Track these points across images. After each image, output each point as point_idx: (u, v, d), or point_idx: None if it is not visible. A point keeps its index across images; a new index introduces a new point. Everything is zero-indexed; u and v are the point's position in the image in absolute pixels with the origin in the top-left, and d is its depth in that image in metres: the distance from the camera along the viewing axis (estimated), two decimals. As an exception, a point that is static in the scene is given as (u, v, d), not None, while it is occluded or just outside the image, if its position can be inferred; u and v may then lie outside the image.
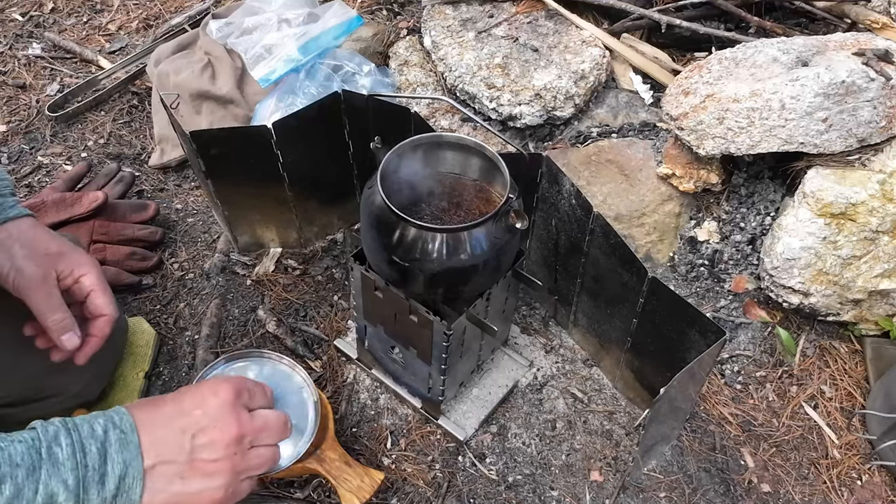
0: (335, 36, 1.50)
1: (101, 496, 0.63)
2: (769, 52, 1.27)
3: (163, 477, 0.67)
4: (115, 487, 0.64)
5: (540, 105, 1.39)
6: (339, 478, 1.02)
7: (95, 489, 0.63)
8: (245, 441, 0.72)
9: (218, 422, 0.71)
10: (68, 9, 1.95)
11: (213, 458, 0.69)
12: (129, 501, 0.65)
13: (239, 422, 0.72)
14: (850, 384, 1.24)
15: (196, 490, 0.69)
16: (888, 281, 1.20)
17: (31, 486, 0.60)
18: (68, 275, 0.90)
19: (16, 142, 1.59)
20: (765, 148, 1.20)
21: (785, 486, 1.13)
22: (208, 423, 0.70)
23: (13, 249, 0.88)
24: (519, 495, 1.10)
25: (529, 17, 1.54)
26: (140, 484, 0.65)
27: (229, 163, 1.17)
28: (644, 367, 1.11)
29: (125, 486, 0.64)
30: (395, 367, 1.14)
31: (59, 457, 0.62)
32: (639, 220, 1.33)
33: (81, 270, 0.90)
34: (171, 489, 0.67)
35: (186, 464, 0.68)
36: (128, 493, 0.65)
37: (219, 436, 0.70)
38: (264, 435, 0.75)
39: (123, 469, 0.64)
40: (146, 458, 0.66)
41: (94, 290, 0.91)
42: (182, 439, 0.68)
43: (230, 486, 0.71)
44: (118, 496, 0.64)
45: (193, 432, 0.69)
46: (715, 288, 1.32)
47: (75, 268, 0.90)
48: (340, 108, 1.18)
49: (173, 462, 0.68)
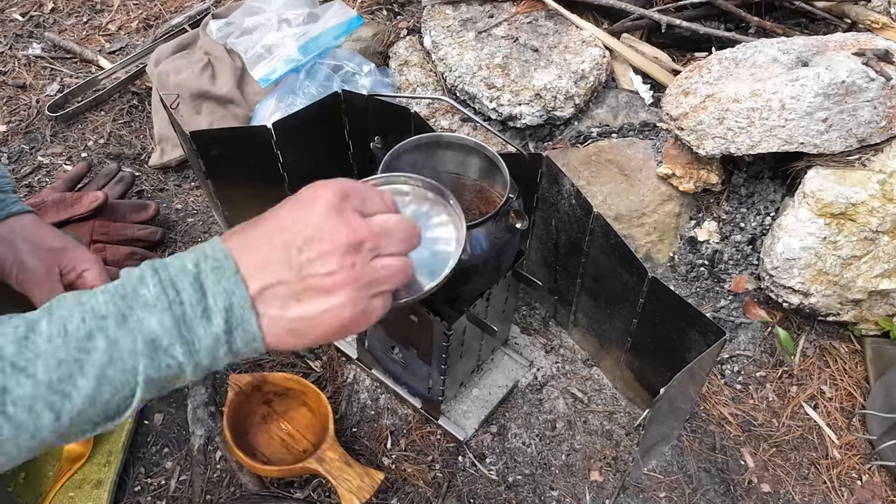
0: (335, 36, 1.50)
1: (212, 333, 0.55)
2: (769, 52, 1.27)
3: (276, 301, 0.57)
4: (225, 321, 0.55)
5: (540, 105, 1.39)
6: (339, 478, 1.03)
7: (201, 326, 0.55)
8: (363, 249, 0.59)
9: (324, 230, 0.58)
10: (68, 9, 1.95)
11: (327, 272, 0.58)
12: (247, 334, 0.57)
13: (350, 227, 0.59)
14: (850, 384, 1.24)
15: (318, 311, 0.58)
16: (888, 281, 1.20)
17: (126, 335, 0.53)
18: (71, 270, 0.90)
19: (16, 142, 1.59)
20: (765, 148, 1.20)
21: (785, 486, 1.13)
22: (313, 232, 0.58)
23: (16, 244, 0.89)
24: (519, 495, 1.10)
25: (529, 17, 1.54)
26: (252, 313, 0.56)
27: (229, 163, 1.17)
28: (644, 367, 1.11)
29: (235, 318, 0.56)
30: (395, 367, 1.14)
31: (147, 299, 0.54)
32: (639, 220, 1.33)
33: (84, 266, 0.91)
34: (288, 314, 0.58)
35: (298, 282, 0.58)
36: (242, 325, 0.56)
37: (328, 246, 0.58)
38: (386, 242, 0.61)
39: (227, 300, 0.55)
40: (250, 284, 0.56)
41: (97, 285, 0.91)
42: (287, 255, 0.58)
43: (357, 304, 0.59)
44: (232, 331, 0.56)
45: (298, 246, 0.58)
46: (715, 288, 1.32)
47: (78, 263, 0.91)
48: (340, 108, 1.18)
49: (283, 283, 0.57)
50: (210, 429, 1.13)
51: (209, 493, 1.08)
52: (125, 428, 1.11)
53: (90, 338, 0.52)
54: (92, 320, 0.53)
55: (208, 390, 1.17)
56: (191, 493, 1.08)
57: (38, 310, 0.54)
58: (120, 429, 1.10)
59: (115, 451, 1.08)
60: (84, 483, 1.05)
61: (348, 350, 1.22)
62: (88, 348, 0.52)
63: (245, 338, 0.57)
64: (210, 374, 1.18)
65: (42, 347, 0.51)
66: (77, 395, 0.52)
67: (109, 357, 0.53)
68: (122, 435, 1.10)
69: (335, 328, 0.60)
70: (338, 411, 1.17)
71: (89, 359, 0.52)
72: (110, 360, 0.53)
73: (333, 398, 1.18)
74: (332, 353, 1.24)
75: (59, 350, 0.51)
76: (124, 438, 1.10)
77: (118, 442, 1.09)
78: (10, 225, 0.91)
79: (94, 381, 0.52)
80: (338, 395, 1.19)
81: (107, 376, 0.53)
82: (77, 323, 0.53)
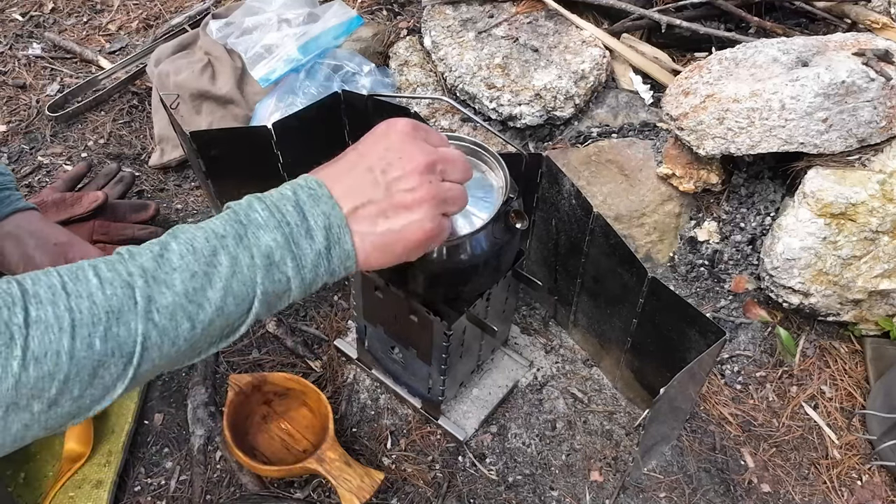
0: (335, 36, 1.50)
1: (315, 249, 0.62)
2: (769, 52, 1.27)
3: (366, 219, 0.65)
4: (325, 239, 0.62)
5: (540, 105, 1.39)
6: (339, 478, 1.03)
7: (306, 243, 0.62)
8: (436, 170, 0.68)
9: (404, 153, 0.67)
10: (68, 9, 1.95)
11: (409, 188, 0.66)
12: (343, 252, 0.64)
13: (424, 150, 0.68)
14: (850, 384, 1.25)
15: (403, 225, 0.66)
16: (888, 281, 1.20)
17: (245, 251, 0.59)
18: None
19: (16, 142, 1.59)
20: (765, 148, 1.20)
21: (785, 486, 1.13)
22: (394, 156, 0.67)
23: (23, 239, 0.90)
24: (519, 495, 1.10)
25: (529, 18, 1.54)
26: (347, 231, 0.64)
27: (229, 163, 1.17)
28: (644, 367, 1.11)
29: (334, 236, 0.63)
30: (395, 367, 1.14)
31: (259, 220, 0.61)
32: (639, 220, 1.33)
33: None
34: (378, 229, 0.65)
35: (385, 200, 0.65)
36: (339, 243, 0.63)
37: (409, 165, 0.66)
38: (451, 167, 0.70)
39: (326, 220, 0.63)
40: (343, 205, 0.64)
41: None
42: (373, 177, 0.66)
43: (433, 219, 0.67)
44: (331, 248, 0.63)
45: (382, 168, 0.66)
46: (715, 288, 1.32)
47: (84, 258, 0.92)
48: (340, 109, 1.18)
49: (372, 202, 0.65)
50: (210, 429, 1.13)
51: (209, 493, 1.08)
52: (125, 428, 1.11)
53: (215, 254, 0.58)
54: (214, 239, 0.59)
55: (208, 390, 1.17)
56: (191, 493, 1.08)
57: (163, 235, 0.60)
58: (120, 429, 1.11)
59: (115, 451, 1.08)
60: (84, 483, 1.05)
61: (348, 350, 1.22)
62: (214, 263, 0.58)
63: (341, 255, 0.64)
64: (210, 374, 1.19)
65: (176, 262, 0.57)
66: (208, 305, 0.57)
67: (232, 271, 0.59)
68: (122, 435, 1.10)
69: (417, 241, 0.67)
70: (338, 411, 1.17)
71: (216, 272, 0.58)
72: (233, 273, 0.59)
73: (333, 398, 1.18)
74: (332, 353, 1.24)
75: (191, 264, 0.57)
76: (124, 438, 1.10)
77: (118, 442, 1.09)
78: (16, 221, 0.92)
79: (222, 293, 0.58)
80: (338, 395, 1.19)
81: (231, 288, 0.58)
82: (202, 242, 0.59)
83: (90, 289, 0.53)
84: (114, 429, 1.10)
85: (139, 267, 0.56)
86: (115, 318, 0.53)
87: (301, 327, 1.28)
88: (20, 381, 0.49)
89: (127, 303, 0.54)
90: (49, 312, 0.51)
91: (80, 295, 0.53)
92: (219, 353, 1.23)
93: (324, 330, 1.27)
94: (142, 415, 1.16)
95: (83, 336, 0.52)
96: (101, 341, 0.52)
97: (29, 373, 0.50)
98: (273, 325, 1.27)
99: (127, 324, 0.53)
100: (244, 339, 1.26)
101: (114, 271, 0.55)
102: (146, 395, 1.18)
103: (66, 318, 0.51)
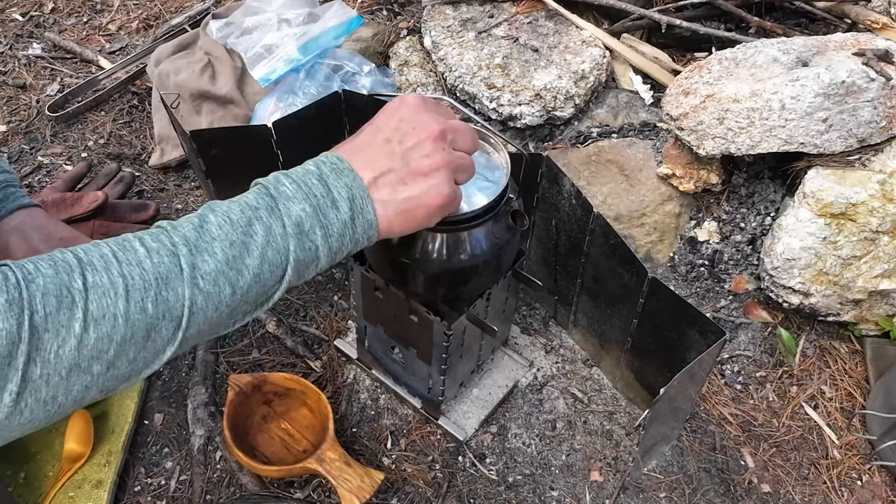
0: (335, 36, 1.50)
1: (341, 219, 0.65)
2: (769, 52, 1.27)
3: (387, 187, 0.68)
4: (350, 209, 0.66)
5: (540, 105, 1.39)
6: (339, 478, 1.03)
7: (333, 213, 0.65)
8: (448, 137, 0.71)
9: (417, 123, 0.70)
10: (68, 9, 1.95)
11: (425, 155, 0.69)
12: (366, 222, 0.67)
13: (436, 120, 0.71)
14: (850, 384, 1.24)
15: (423, 190, 0.69)
16: (888, 281, 1.20)
17: (277, 221, 0.63)
18: None
19: (16, 142, 1.59)
20: (765, 148, 1.20)
21: (785, 486, 1.13)
22: (408, 127, 0.70)
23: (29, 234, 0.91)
24: (519, 495, 1.10)
25: (529, 18, 1.54)
26: (369, 201, 0.67)
27: (229, 162, 1.17)
28: (644, 367, 1.11)
29: (357, 206, 0.66)
30: (395, 367, 1.14)
31: (287, 193, 0.65)
32: (639, 220, 1.33)
33: None
34: (399, 196, 0.68)
35: (403, 168, 0.69)
36: (362, 213, 0.67)
37: (424, 134, 0.70)
38: (459, 137, 0.73)
39: (349, 192, 0.66)
40: (364, 176, 0.67)
41: None
42: (390, 148, 0.69)
43: (449, 184, 0.71)
44: (355, 218, 0.66)
45: (398, 139, 0.70)
46: (715, 288, 1.32)
47: None
48: (341, 108, 1.18)
49: (391, 171, 0.68)
50: (210, 429, 1.13)
51: (209, 493, 1.08)
52: (125, 428, 1.11)
53: (250, 223, 0.62)
54: (249, 210, 0.63)
55: (208, 390, 1.17)
56: (191, 493, 1.08)
57: (199, 209, 0.63)
58: (120, 429, 1.10)
59: (115, 451, 1.08)
60: (84, 483, 1.05)
61: (348, 350, 1.22)
62: (250, 232, 0.62)
63: (363, 224, 0.67)
64: (210, 374, 1.19)
65: (216, 232, 0.61)
66: (247, 272, 0.61)
67: (267, 239, 0.62)
68: (122, 435, 1.10)
69: (436, 205, 0.70)
70: (338, 411, 1.17)
71: (252, 241, 0.62)
72: (268, 241, 0.62)
73: (333, 398, 1.18)
74: (332, 353, 1.24)
75: (229, 234, 0.61)
76: (124, 438, 1.10)
77: (118, 442, 1.09)
78: (21, 217, 0.93)
79: (259, 260, 0.62)
80: (338, 395, 1.19)
81: (267, 256, 0.62)
82: (238, 213, 0.62)
83: (139, 257, 0.56)
84: (114, 429, 1.10)
85: (182, 237, 0.59)
86: (164, 283, 0.56)
87: (301, 327, 1.28)
88: (82, 343, 0.52)
89: (174, 269, 0.57)
90: (104, 278, 0.54)
91: (131, 262, 0.56)
92: (219, 353, 1.23)
93: (324, 330, 1.27)
94: (142, 415, 1.16)
95: (136, 300, 0.55)
96: (152, 305, 0.56)
97: (90, 334, 0.53)
98: (273, 325, 1.27)
99: (174, 289, 0.57)
100: (244, 339, 1.26)
101: (158, 241, 0.58)
102: (146, 395, 1.18)
103: (119, 283, 0.54)
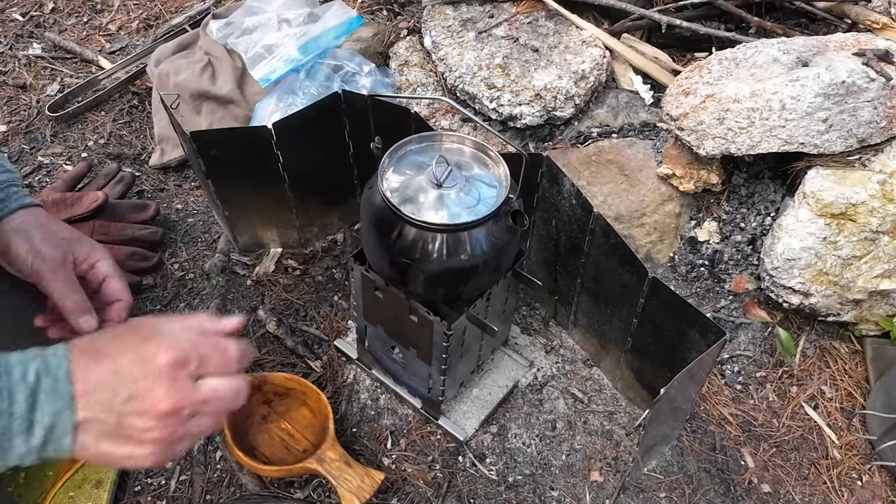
0: (335, 36, 1.50)
1: (29, 445, 0.60)
2: (769, 52, 1.27)
3: (92, 434, 0.63)
4: (43, 437, 0.60)
5: (540, 105, 1.39)
6: (340, 478, 1.03)
7: (21, 438, 0.60)
8: (182, 414, 0.65)
9: (151, 392, 0.63)
10: (68, 9, 1.95)
11: (142, 428, 0.63)
12: (59, 448, 0.62)
13: (174, 395, 0.64)
14: (850, 384, 1.24)
15: (123, 455, 0.64)
16: (888, 281, 1.20)
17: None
18: (84, 260, 0.92)
19: (16, 142, 1.59)
20: (765, 148, 1.20)
21: (785, 486, 1.13)
22: (141, 391, 0.63)
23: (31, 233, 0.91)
24: (519, 495, 1.10)
25: (529, 18, 1.54)
26: (70, 436, 0.61)
27: (229, 163, 1.17)
28: (644, 367, 1.11)
29: (54, 435, 0.61)
30: (395, 367, 1.14)
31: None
32: (639, 220, 1.33)
33: (96, 256, 0.93)
34: (98, 448, 0.63)
35: (114, 427, 0.63)
36: (58, 441, 0.61)
37: (150, 407, 0.63)
38: (208, 406, 0.67)
39: (53, 420, 0.60)
40: (80, 410, 0.61)
41: (110, 275, 0.93)
42: (113, 401, 0.62)
43: (162, 454, 0.66)
44: (47, 444, 0.61)
45: (126, 396, 0.62)
46: (715, 288, 1.32)
47: (91, 254, 0.93)
48: (341, 109, 1.18)
49: (102, 422, 0.62)
50: (210, 429, 1.13)
51: (209, 493, 1.08)
52: (125, 428, 1.11)
53: None
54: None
55: (208, 390, 1.17)
56: (191, 493, 1.08)
57: None
58: (120, 429, 1.10)
59: (116, 451, 1.08)
60: (84, 483, 1.05)
61: (348, 350, 1.22)
62: None
63: (57, 450, 0.62)
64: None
65: None
66: None
67: None
68: (123, 435, 1.10)
69: (130, 467, 0.71)
70: (338, 411, 1.17)
71: None
72: None
73: (333, 398, 1.18)
74: (332, 353, 1.24)
75: None
76: (124, 438, 1.10)
77: (118, 442, 1.09)
78: (23, 216, 0.93)
79: None
80: (338, 395, 1.19)
81: None
82: None
83: None
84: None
85: None
86: None
87: (301, 327, 1.28)
88: None
89: None
90: None
91: None
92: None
93: (324, 330, 1.27)
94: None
95: None
96: None
97: None
98: (273, 326, 1.27)
99: None
100: (245, 339, 1.25)
101: None
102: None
103: None
